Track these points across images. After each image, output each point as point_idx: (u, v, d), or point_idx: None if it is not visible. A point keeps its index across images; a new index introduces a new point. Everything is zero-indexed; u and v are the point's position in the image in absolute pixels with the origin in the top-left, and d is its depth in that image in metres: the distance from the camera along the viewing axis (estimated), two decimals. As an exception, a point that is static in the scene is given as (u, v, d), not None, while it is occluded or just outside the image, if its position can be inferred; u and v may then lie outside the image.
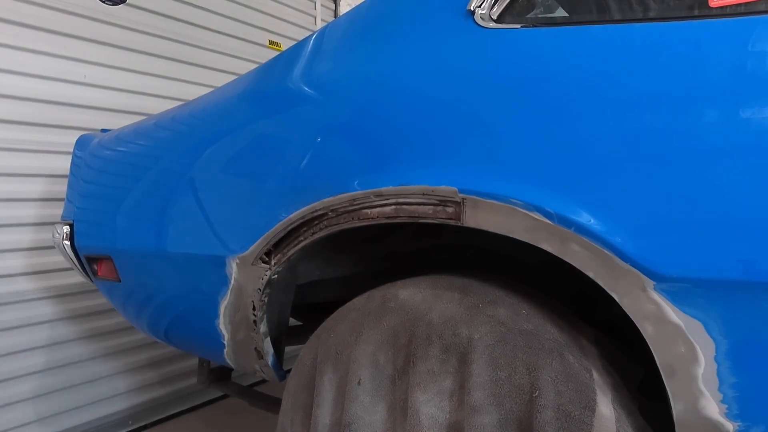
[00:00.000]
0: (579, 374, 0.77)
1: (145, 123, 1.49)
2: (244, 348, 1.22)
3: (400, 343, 0.89)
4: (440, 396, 0.84)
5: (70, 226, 1.53)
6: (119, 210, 1.41)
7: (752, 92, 0.63)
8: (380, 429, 0.89)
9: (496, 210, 0.79)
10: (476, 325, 0.83)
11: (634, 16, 0.76)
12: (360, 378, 0.91)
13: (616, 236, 0.70)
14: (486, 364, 0.80)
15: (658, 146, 0.68)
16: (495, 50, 0.84)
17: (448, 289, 0.91)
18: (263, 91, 1.18)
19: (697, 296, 0.67)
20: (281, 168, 1.06)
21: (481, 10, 0.85)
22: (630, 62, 0.72)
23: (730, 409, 0.68)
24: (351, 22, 1.10)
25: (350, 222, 0.95)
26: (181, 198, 1.24)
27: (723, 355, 0.67)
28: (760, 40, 0.64)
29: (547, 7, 0.89)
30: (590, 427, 0.73)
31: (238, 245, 1.11)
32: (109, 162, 1.51)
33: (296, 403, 1.02)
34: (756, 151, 0.62)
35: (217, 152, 1.18)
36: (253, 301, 1.13)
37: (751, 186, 0.62)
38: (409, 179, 0.87)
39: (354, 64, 1.02)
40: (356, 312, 0.97)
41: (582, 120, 0.74)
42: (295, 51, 1.16)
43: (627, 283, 0.70)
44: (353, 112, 0.98)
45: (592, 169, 0.72)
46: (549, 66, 0.78)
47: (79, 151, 1.63)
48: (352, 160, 0.96)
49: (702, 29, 0.69)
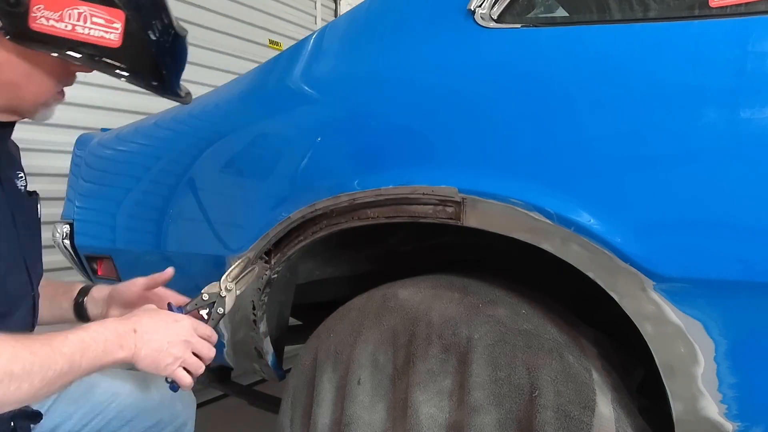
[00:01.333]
0: (579, 374, 0.77)
1: (145, 122, 1.49)
2: (243, 347, 1.22)
3: (400, 342, 0.89)
4: (440, 396, 0.84)
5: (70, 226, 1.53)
6: (119, 209, 1.41)
7: (752, 92, 0.63)
8: (380, 429, 0.89)
9: (496, 210, 0.79)
10: (476, 324, 0.83)
11: (634, 16, 0.76)
12: (360, 378, 0.91)
13: (616, 236, 0.70)
14: (486, 364, 0.80)
15: (659, 146, 0.68)
16: (495, 50, 0.84)
17: (448, 289, 0.91)
18: (263, 90, 1.18)
19: (697, 296, 0.67)
20: (281, 167, 1.06)
21: (482, 9, 0.85)
22: (630, 62, 0.72)
23: (729, 409, 0.68)
24: (351, 21, 1.10)
25: (350, 222, 0.95)
26: (181, 197, 1.24)
27: (723, 356, 0.67)
28: (760, 40, 0.64)
29: (548, 7, 0.89)
30: (590, 427, 0.73)
31: (238, 245, 1.11)
32: (110, 161, 1.51)
33: (296, 403, 1.02)
34: (756, 152, 0.62)
35: (217, 152, 1.18)
36: (252, 301, 1.13)
37: (750, 186, 0.62)
38: (409, 179, 0.87)
39: (354, 64, 1.02)
40: (356, 312, 0.97)
41: (582, 120, 0.74)
42: (295, 50, 1.16)
43: (627, 284, 0.71)
44: (353, 112, 0.98)
45: (592, 169, 0.72)
46: (549, 66, 0.78)
47: (79, 150, 1.63)
48: (352, 159, 0.96)
49: (702, 29, 0.69)
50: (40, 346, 0.66)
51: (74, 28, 0.73)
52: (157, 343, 0.80)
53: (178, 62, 0.89)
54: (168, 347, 0.81)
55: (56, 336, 0.69)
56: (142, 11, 0.80)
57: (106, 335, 0.74)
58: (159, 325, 0.82)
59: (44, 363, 0.66)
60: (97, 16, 0.74)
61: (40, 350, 0.66)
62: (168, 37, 0.84)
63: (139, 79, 0.81)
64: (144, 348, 0.78)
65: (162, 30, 0.83)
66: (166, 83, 0.86)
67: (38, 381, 0.65)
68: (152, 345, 0.79)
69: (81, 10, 0.73)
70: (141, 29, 0.79)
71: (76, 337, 0.71)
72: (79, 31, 0.73)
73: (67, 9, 0.72)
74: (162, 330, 0.81)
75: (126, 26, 0.76)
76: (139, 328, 0.79)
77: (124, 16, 0.76)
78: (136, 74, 0.80)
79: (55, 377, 0.67)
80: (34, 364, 0.64)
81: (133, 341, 0.77)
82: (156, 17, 0.82)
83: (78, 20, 0.73)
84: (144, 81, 0.82)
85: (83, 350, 0.71)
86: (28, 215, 0.92)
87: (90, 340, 0.72)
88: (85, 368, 0.72)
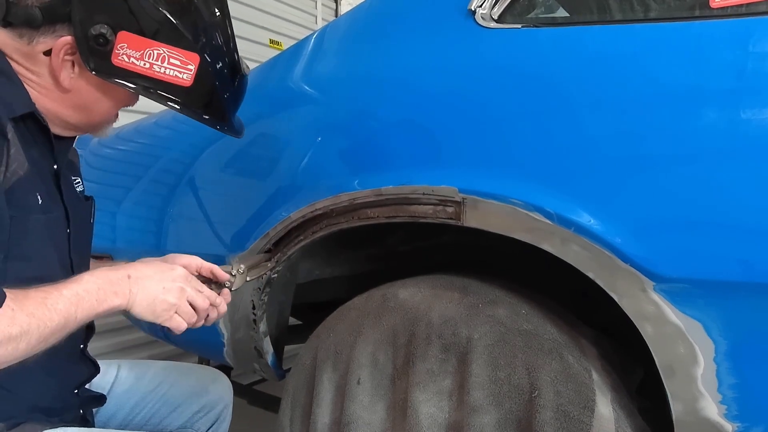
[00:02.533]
0: (578, 374, 0.77)
1: (146, 122, 1.49)
2: (243, 347, 1.22)
3: (400, 342, 0.89)
4: (440, 396, 0.84)
5: (70, 225, 1.53)
6: (119, 209, 1.41)
7: (753, 93, 0.63)
8: (379, 428, 0.89)
9: (496, 210, 0.79)
10: (476, 324, 0.83)
11: (634, 17, 0.76)
12: (359, 377, 0.91)
13: (616, 237, 0.70)
14: (485, 364, 0.80)
15: (659, 147, 0.68)
16: (496, 50, 0.84)
17: (447, 289, 0.91)
18: (264, 90, 1.18)
19: (697, 297, 0.67)
20: (281, 167, 1.06)
21: (482, 10, 0.85)
22: (630, 63, 0.72)
23: (729, 409, 0.68)
24: (352, 21, 1.10)
25: (350, 221, 0.95)
26: (181, 197, 1.24)
27: (722, 356, 0.67)
28: (760, 41, 0.64)
29: (548, 7, 0.89)
30: (589, 427, 0.73)
31: (238, 244, 1.11)
32: (110, 161, 1.51)
33: (296, 403, 1.02)
34: (756, 152, 0.62)
35: (218, 151, 1.18)
36: (252, 300, 1.13)
37: (750, 187, 0.62)
38: (409, 179, 0.87)
39: (354, 64, 1.02)
40: (356, 311, 0.97)
41: (582, 120, 0.74)
42: (295, 50, 1.16)
43: (627, 284, 0.71)
44: (354, 112, 0.98)
45: (592, 169, 0.72)
46: (549, 66, 0.78)
47: (79, 149, 1.63)
48: (352, 159, 0.96)
49: (703, 30, 0.69)
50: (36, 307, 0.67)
51: (152, 66, 0.81)
52: (153, 289, 0.79)
53: (239, 100, 0.96)
54: (164, 294, 0.79)
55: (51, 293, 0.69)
56: (216, 54, 0.86)
57: (99, 284, 0.74)
58: (153, 271, 0.81)
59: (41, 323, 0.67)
60: (174, 57, 0.81)
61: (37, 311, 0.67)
62: (235, 79, 0.92)
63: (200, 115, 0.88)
64: (139, 293, 0.77)
65: (230, 71, 0.90)
66: (226, 120, 0.92)
67: (35, 339, 0.66)
68: (147, 291, 0.78)
69: (160, 51, 0.81)
70: (211, 72, 0.85)
71: (69, 291, 0.71)
72: (156, 69, 0.81)
73: (147, 49, 0.80)
74: (157, 276, 0.80)
75: (199, 68, 0.83)
76: (133, 274, 0.78)
77: (198, 59, 0.83)
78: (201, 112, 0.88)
79: (51, 333, 0.68)
80: (31, 325, 0.66)
81: (127, 287, 0.77)
82: (226, 60, 0.89)
83: (156, 60, 0.81)
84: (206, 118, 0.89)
85: (78, 303, 0.71)
86: (82, 217, 0.96)
87: (84, 292, 0.72)
88: (80, 319, 0.72)
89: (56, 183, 0.87)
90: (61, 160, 0.88)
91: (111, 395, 1.05)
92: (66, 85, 0.80)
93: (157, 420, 1.09)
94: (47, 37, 0.77)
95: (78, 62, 0.80)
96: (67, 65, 0.80)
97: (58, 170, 0.86)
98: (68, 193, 0.90)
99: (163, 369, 1.15)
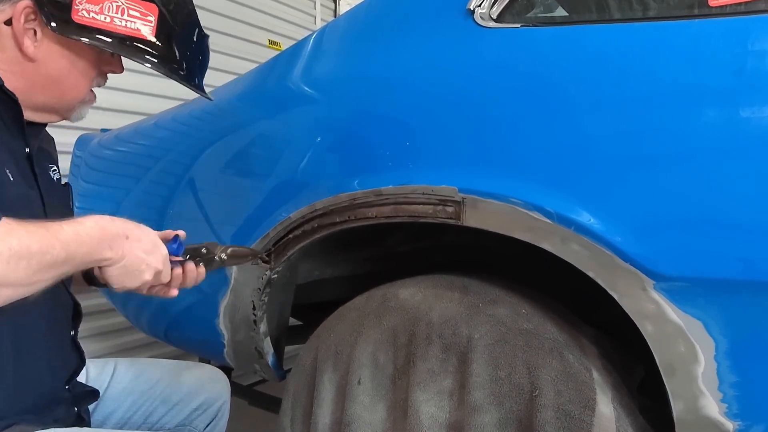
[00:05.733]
0: (579, 373, 0.77)
1: (145, 123, 1.49)
2: (244, 347, 1.22)
3: (400, 342, 0.89)
4: (440, 395, 0.84)
5: (70, 226, 1.53)
6: (119, 210, 1.40)
7: (752, 91, 0.63)
8: (380, 428, 0.89)
9: (496, 209, 0.79)
10: (476, 324, 0.83)
11: (633, 16, 0.76)
12: (360, 377, 0.91)
13: (616, 236, 0.70)
14: (486, 364, 0.80)
15: (659, 145, 0.68)
16: (495, 50, 0.84)
17: (448, 288, 0.91)
18: (263, 90, 1.18)
19: (697, 295, 0.67)
20: (281, 168, 1.06)
21: (481, 9, 0.85)
22: (630, 62, 0.72)
23: (730, 408, 0.68)
24: (351, 21, 1.10)
25: (350, 222, 0.95)
26: (181, 198, 1.24)
27: (723, 355, 0.67)
28: (759, 40, 0.64)
29: (547, 6, 0.89)
30: (590, 426, 0.73)
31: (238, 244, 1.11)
32: (109, 162, 1.51)
33: (296, 403, 1.02)
34: (755, 151, 0.62)
35: (217, 152, 1.18)
36: (253, 301, 1.13)
37: (750, 185, 0.62)
38: (409, 179, 0.87)
39: (353, 64, 1.02)
40: (356, 311, 0.97)
41: (582, 119, 0.74)
42: (295, 51, 1.16)
43: (627, 283, 0.71)
44: (353, 112, 0.98)
45: (592, 168, 0.72)
46: (549, 65, 0.78)
47: (78, 150, 1.63)
48: (351, 159, 0.96)
49: (701, 28, 0.69)
50: (35, 228, 0.67)
51: (113, 20, 0.82)
52: (138, 259, 0.79)
53: (205, 60, 0.99)
54: (144, 268, 0.80)
55: (51, 224, 0.69)
56: (175, 7, 0.90)
57: (100, 233, 0.74)
58: (146, 242, 0.81)
59: (42, 245, 0.66)
60: (133, 9, 0.84)
61: (37, 231, 0.66)
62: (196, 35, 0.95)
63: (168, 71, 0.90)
64: (126, 258, 0.78)
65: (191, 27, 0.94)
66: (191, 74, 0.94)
67: (36, 263, 0.65)
68: (133, 259, 0.79)
69: (119, 3, 0.82)
70: (173, 24, 0.88)
71: (70, 228, 0.71)
72: (117, 23, 0.83)
73: (105, 2, 0.81)
74: (147, 249, 0.81)
75: (159, 20, 0.86)
76: (131, 236, 0.79)
77: (157, 10, 0.86)
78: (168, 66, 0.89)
79: (51, 264, 0.67)
80: (32, 242, 0.65)
81: (121, 246, 0.77)
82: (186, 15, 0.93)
83: (116, 13, 0.82)
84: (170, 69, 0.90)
85: (79, 243, 0.71)
86: (59, 202, 0.96)
87: (85, 235, 0.72)
88: (77, 263, 0.72)
89: (30, 167, 0.86)
90: (33, 144, 0.88)
91: (108, 393, 1.05)
92: (30, 53, 0.80)
93: (155, 418, 1.08)
94: (5, 4, 0.78)
95: (40, 26, 0.80)
96: (30, 33, 0.80)
97: (29, 153, 0.86)
98: (43, 178, 0.90)
99: (160, 367, 1.15)
